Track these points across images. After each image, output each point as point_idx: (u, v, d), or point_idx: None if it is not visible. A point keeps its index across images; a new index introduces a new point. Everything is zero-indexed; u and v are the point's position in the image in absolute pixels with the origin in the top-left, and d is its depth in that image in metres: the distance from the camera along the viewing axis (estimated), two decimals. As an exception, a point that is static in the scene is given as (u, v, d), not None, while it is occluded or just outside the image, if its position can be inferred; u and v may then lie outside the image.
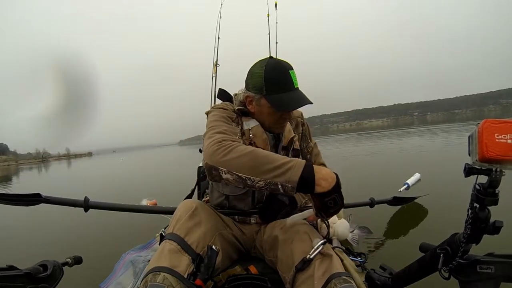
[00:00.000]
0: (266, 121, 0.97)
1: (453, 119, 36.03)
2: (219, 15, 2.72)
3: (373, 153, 7.90)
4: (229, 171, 0.74)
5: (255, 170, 0.72)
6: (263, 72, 0.90)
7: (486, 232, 0.63)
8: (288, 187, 0.70)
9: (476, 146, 0.58)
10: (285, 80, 0.90)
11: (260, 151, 0.75)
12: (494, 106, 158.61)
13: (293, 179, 0.69)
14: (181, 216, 0.82)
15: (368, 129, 33.78)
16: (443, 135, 10.77)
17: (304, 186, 0.70)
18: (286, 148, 1.02)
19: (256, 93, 0.93)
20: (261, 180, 0.72)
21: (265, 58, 0.95)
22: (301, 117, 1.13)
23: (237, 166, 0.73)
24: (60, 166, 28.15)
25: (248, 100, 0.97)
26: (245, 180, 0.73)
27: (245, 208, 1.00)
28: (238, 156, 0.74)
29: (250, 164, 0.72)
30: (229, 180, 0.75)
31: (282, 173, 0.70)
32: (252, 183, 0.73)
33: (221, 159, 0.74)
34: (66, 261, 1.05)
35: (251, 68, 0.96)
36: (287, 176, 0.70)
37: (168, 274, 0.66)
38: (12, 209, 1.33)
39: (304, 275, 0.73)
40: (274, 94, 0.90)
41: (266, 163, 0.72)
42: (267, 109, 0.93)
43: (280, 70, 0.91)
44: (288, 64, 0.93)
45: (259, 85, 0.91)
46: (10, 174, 20.08)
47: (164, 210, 1.57)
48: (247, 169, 0.72)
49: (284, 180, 0.70)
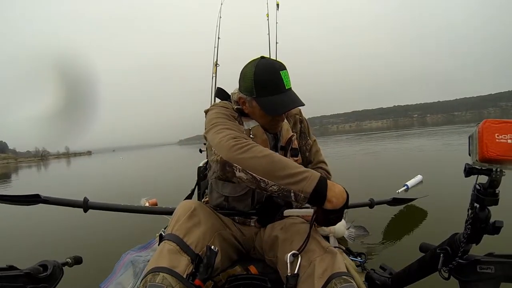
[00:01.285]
0: (260, 122, 0.96)
1: (453, 121, 36.08)
2: (219, 15, 2.73)
3: (373, 153, 7.90)
4: (244, 169, 0.73)
5: (271, 174, 0.71)
6: (253, 74, 0.88)
7: (486, 232, 0.63)
8: (300, 197, 0.70)
9: (476, 146, 0.58)
10: (276, 81, 0.87)
11: (276, 155, 0.74)
12: (494, 108, 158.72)
13: (307, 190, 0.69)
14: (180, 217, 0.82)
15: (368, 131, 33.79)
16: (444, 137, 10.77)
17: (316, 199, 0.70)
18: (284, 148, 1.01)
19: (247, 95, 0.92)
20: (275, 185, 0.71)
21: (256, 59, 0.92)
22: (300, 114, 1.11)
23: (253, 167, 0.72)
24: (59, 165, 28.12)
25: (241, 101, 0.96)
26: (259, 181, 0.72)
27: (245, 209, 1.00)
28: (255, 156, 0.73)
29: (266, 167, 0.71)
30: (242, 178, 0.74)
31: (297, 181, 0.70)
32: (266, 186, 0.72)
33: (239, 156, 0.73)
34: (66, 261, 1.04)
35: (243, 69, 0.93)
36: (301, 186, 0.70)
37: (167, 274, 0.67)
38: (12, 209, 1.33)
39: (304, 274, 0.73)
40: (264, 96, 0.88)
41: (283, 169, 0.71)
42: (259, 111, 0.92)
43: (271, 71, 0.88)
44: (280, 64, 0.90)
45: (249, 87, 0.89)
46: (10, 172, 20.06)
47: (163, 211, 1.57)
48: (262, 171, 0.71)
49: (298, 189, 0.70)
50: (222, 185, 0.99)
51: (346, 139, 16.45)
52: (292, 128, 1.07)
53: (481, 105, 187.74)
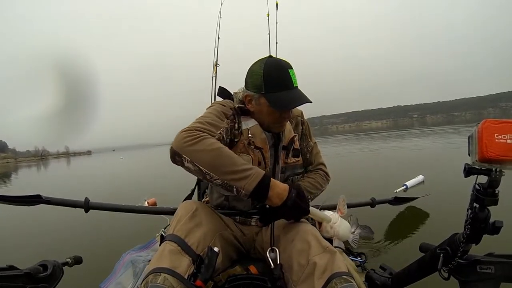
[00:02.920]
0: (266, 120, 0.97)
1: (453, 121, 36.08)
2: (219, 15, 2.73)
3: (373, 153, 7.90)
4: (191, 161, 0.77)
5: (215, 168, 0.75)
6: (262, 71, 0.91)
7: (486, 232, 0.63)
8: (241, 193, 0.75)
9: (476, 146, 0.58)
10: (284, 78, 0.91)
11: (225, 150, 0.78)
12: (494, 109, 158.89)
13: (248, 188, 0.74)
14: (181, 217, 0.82)
15: (368, 131, 33.79)
16: (444, 137, 10.77)
17: (257, 196, 0.75)
18: (287, 148, 1.03)
19: (255, 92, 0.93)
20: (219, 179, 0.76)
21: (264, 57, 0.95)
22: (301, 116, 1.13)
23: (200, 159, 0.76)
24: (59, 164, 28.08)
25: (247, 99, 0.97)
26: (204, 174, 0.76)
27: (245, 208, 1.00)
28: (203, 149, 0.76)
29: (212, 161, 0.76)
30: (190, 169, 0.78)
31: (239, 178, 0.75)
32: (211, 178, 0.76)
33: (186, 148, 0.77)
34: (66, 261, 1.04)
35: (251, 67, 0.96)
36: (242, 183, 0.74)
37: (168, 275, 0.67)
38: (13, 209, 1.33)
39: (304, 274, 0.73)
40: (273, 92, 0.91)
41: (227, 165, 0.75)
42: (267, 108, 0.94)
43: (279, 68, 0.91)
44: (287, 63, 0.93)
45: (258, 83, 0.92)
46: (9, 171, 20.02)
47: (164, 211, 1.57)
48: (208, 165, 0.76)
49: (240, 186, 0.75)
50: None
51: (345, 139, 16.47)
52: (294, 129, 1.08)
53: (480, 106, 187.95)
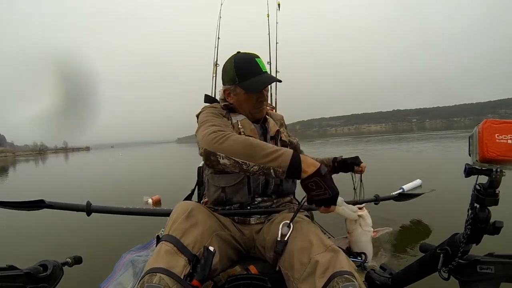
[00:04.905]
0: (246, 108, 1.06)
1: (452, 127, 36.17)
2: (219, 15, 2.73)
3: (374, 155, 7.90)
4: (226, 156, 0.81)
5: (250, 156, 0.79)
6: (233, 65, 1.03)
7: (486, 232, 0.63)
8: (279, 172, 0.78)
9: (477, 146, 0.58)
10: (253, 66, 1.02)
11: (253, 139, 0.84)
12: (493, 115, 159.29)
13: (284, 164, 0.77)
14: (177, 218, 0.82)
15: (367, 134, 33.79)
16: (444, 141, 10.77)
17: (293, 171, 0.77)
18: (274, 138, 1.12)
19: (231, 85, 1.05)
20: (256, 165, 0.79)
21: (233, 54, 1.07)
22: (283, 119, 1.26)
23: (234, 152, 0.80)
24: (58, 160, 27.91)
25: (226, 93, 1.08)
26: (241, 164, 0.80)
27: (243, 199, 1.01)
28: (233, 143, 0.81)
29: (245, 151, 0.80)
30: (226, 164, 0.82)
31: (274, 158, 0.78)
32: (248, 167, 0.80)
33: (219, 146, 0.82)
34: (66, 261, 1.04)
35: (223, 66, 1.08)
36: (278, 162, 0.77)
37: (164, 275, 0.67)
38: (15, 211, 1.34)
39: (305, 272, 0.73)
40: (246, 80, 1.02)
41: (260, 150, 0.79)
42: (243, 96, 1.04)
43: (248, 59, 1.04)
44: (254, 54, 1.06)
45: (232, 76, 1.03)
46: (7, 165, 19.92)
47: (166, 212, 1.57)
48: (242, 154, 0.80)
49: (275, 165, 0.77)
50: (218, 178, 1.03)
51: (345, 141, 16.46)
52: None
53: (480, 112, 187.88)
